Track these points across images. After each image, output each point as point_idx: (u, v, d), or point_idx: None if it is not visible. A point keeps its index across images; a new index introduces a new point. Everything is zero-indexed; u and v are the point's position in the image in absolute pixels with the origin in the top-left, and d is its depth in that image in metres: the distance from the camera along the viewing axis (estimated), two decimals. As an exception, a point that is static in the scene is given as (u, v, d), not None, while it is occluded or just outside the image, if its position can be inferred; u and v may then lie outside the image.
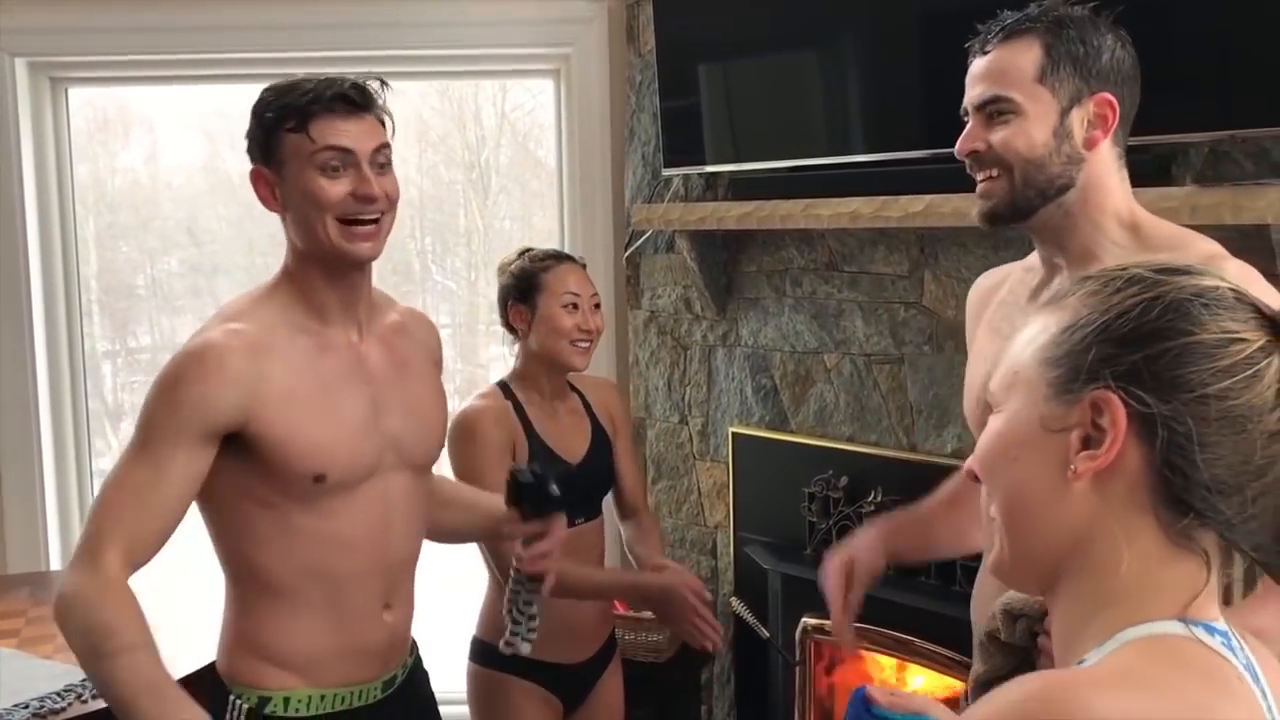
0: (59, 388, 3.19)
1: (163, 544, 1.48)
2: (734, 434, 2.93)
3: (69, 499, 3.21)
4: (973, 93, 1.44)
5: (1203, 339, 0.76)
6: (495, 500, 1.81)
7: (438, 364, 1.78)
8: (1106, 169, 1.42)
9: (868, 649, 2.61)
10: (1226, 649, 0.78)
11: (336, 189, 1.51)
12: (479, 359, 4.47)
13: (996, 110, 1.41)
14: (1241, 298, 0.79)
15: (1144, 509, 0.78)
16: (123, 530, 1.44)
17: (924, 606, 2.42)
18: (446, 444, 2.04)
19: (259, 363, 1.50)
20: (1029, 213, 1.42)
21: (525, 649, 1.76)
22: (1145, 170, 1.97)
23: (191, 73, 3.26)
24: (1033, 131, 1.39)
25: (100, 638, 1.40)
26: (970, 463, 0.89)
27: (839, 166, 2.54)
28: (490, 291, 4.46)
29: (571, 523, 2.09)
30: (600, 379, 2.44)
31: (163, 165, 4.01)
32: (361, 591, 1.61)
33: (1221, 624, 0.80)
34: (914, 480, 2.51)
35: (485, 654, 2.11)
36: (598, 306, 2.20)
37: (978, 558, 1.60)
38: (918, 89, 2.45)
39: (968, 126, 1.45)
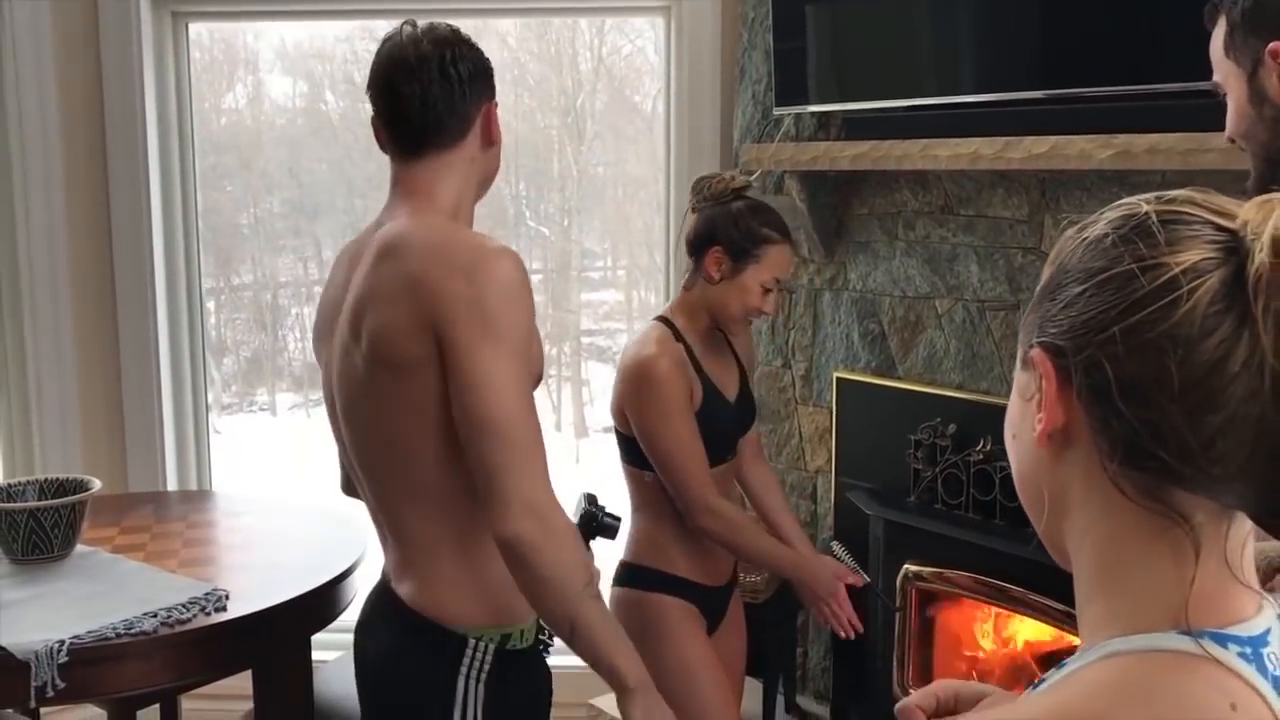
0: (177, 321, 3.28)
1: None
2: (839, 379, 2.90)
3: (185, 425, 3.30)
4: None
5: (1115, 273, 0.69)
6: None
7: None
8: None
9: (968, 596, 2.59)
10: (1246, 662, 0.67)
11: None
12: (570, 304, 4.49)
13: (1222, 95, 1.40)
14: (1179, 216, 0.70)
15: (1101, 470, 0.71)
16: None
17: (1030, 556, 2.38)
18: (620, 392, 2.08)
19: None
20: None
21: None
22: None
23: (303, 8, 3.29)
24: (1238, 107, 1.36)
25: (586, 576, 1.44)
26: None
27: (956, 107, 2.48)
28: (584, 238, 4.45)
29: (725, 459, 2.16)
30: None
31: (265, 107, 4.07)
32: None
33: (1247, 626, 0.69)
34: (1025, 429, 2.47)
35: (635, 577, 2.14)
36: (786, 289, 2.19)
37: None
38: (1037, 28, 2.39)
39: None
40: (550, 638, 1.66)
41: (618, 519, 1.82)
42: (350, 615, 1.87)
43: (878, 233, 2.79)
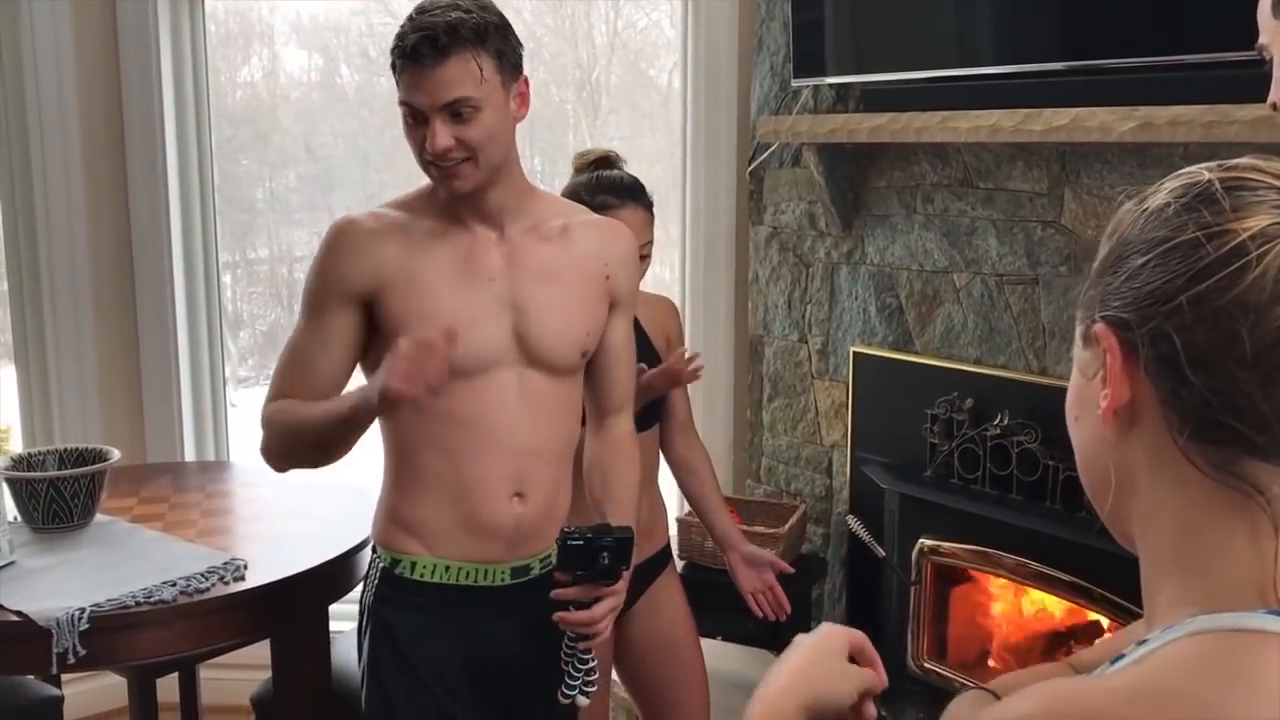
0: (194, 295, 3.28)
1: (338, 392, 1.67)
2: (855, 353, 2.89)
3: (202, 398, 3.32)
4: None
5: (1178, 242, 0.68)
6: (621, 514, 1.80)
7: (607, 275, 1.77)
8: None
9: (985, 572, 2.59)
10: None
11: (415, 137, 1.62)
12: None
13: (1264, 60, 1.32)
14: (1243, 182, 0.68)
15: (1172, 445, 0.69)
16: (302, 386, 1.66)
17: (1045, 530, 2.38)
18: None
19: (387, 241, 1.66)
20: None
21: (584, 701, 1.73)
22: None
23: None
24: None
25: (288, 419, 1.66)
26: None
27: (975, 79, 2.46)
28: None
29: None
30: (657, 297, 2.36)
31: (280, 81, 4.05)
32: (485, 470, 1.68)
33: None
34: (1042, 404, 2.47)
35: None
36: (645, 257, 2.09)
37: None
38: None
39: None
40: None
41: (607, 562, 1.66)
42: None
43: (896, 206, 2.77)
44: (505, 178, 1.67)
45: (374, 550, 1.77)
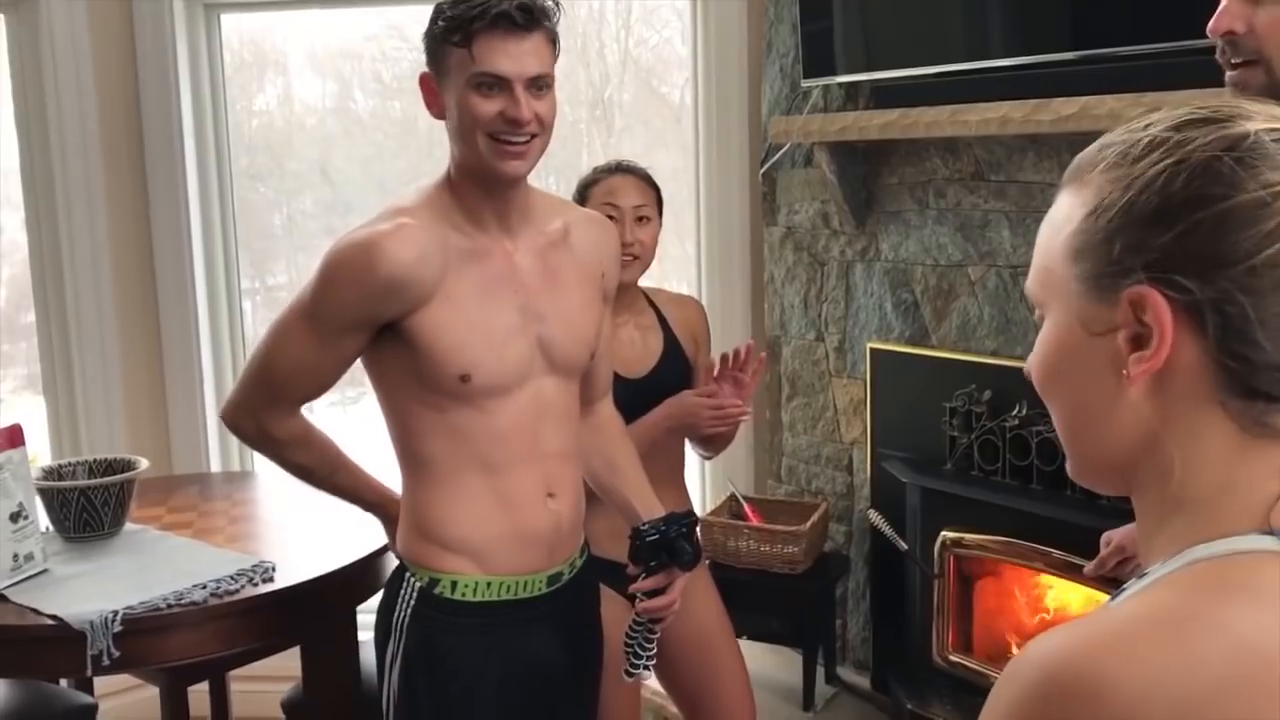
0: (217, 315, 3.33)
1: (317, 398, 1.72)
2: (873, 350, 2.90)
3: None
4: None
5: (1240, 201, 0.65)
6: (644, 494, 1.84)
7: (603, 274, 1.79)
8: None
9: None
10: None
11: (489, 106, 1.56)
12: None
13: None
14: None
15: (1210, 401, 0.69)
16: (299, 387, 1.67)
17: (1068, 519, 2.38)
18: None
19: (416, 259, 1.57)
20: None
21: (647, 675, 1.82)
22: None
23: (335, -2, 3.34)
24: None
25: (314, 468, 1.77)
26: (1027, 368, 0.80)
27: (984, 71, 2.48)
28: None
29: None
30: (685, 297, 2.41)
31: (296, 107, 4.10)
32: (523, 478, 1.67)
33: None
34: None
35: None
36: (643, 219, 2.14)
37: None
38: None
39: (1224, 2, 1.30)
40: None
41: (689, 551, 1.74)
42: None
43: (908, 202, 2.79)
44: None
45: (405, 570, 1.70)
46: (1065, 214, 0.74)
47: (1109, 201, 0.70)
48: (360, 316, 1.59)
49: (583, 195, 2.18)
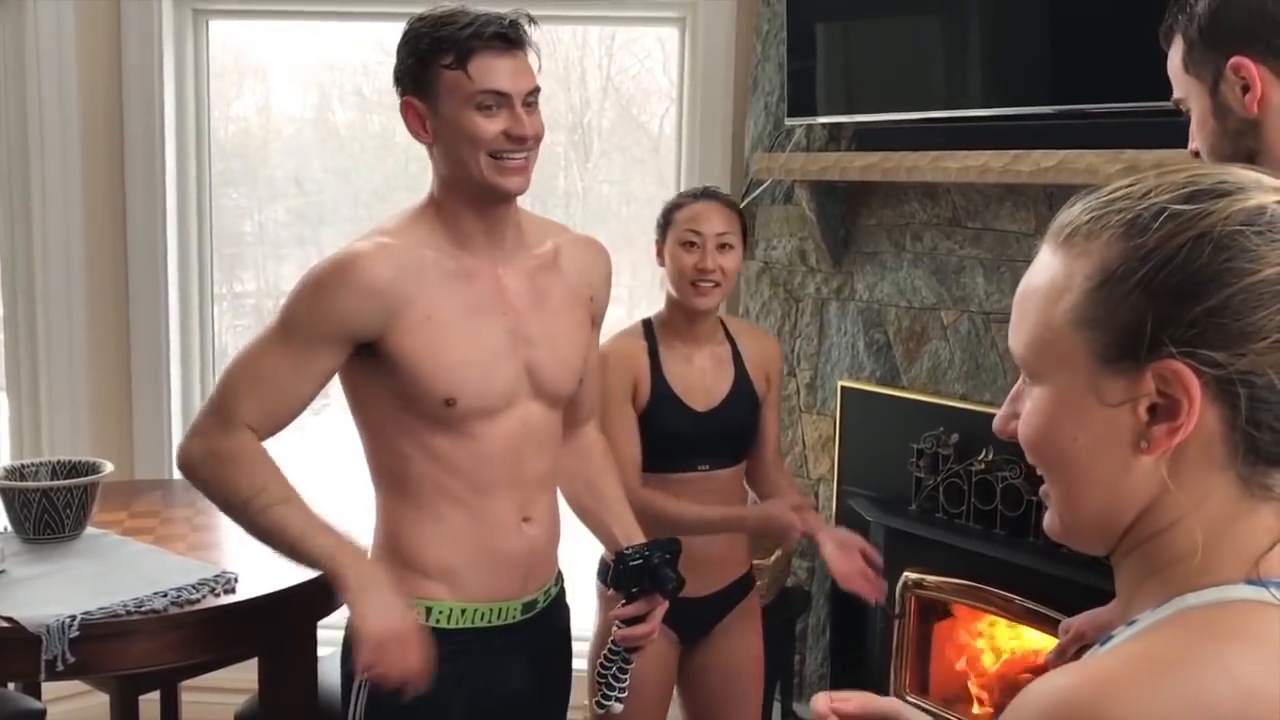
0: (188, 324, 3.31)
1: (285, 427, 1.61)
2: (843, 388, 2.93)
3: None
4: None
5: (1266, 275, 0.67)
6: (622, 519, 1.83)
7: (591, 297, 1.78)
8: None
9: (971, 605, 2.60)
10: None
11: (492, 127, 1.56)
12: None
13: (1183, 111, 1.41)
14: None
15: (1222, 466, 0.70)
16: (258, 407, 1.57)
17: (1030, 565, 2.41)
18: None
19: (401, 280, 1.56)
20: None
21: (617, 709, 1.79)
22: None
23: (325, 8, 3.34)
24: (1202, 122, 1.37)
25: (255, 493, 1.56)
26: (1005, 426, 0.80)
27: (965, 120, 2.53)
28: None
29: (694, 468, 2.16)
30: (763, 332, 2.47)
31: (273, 115, 4.10)
32: (501, 503, 1.66)
33: None
34: (1027, 440, 2.50)
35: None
36: (726, 247, 2.13)
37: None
38: (1046, 44, 2.43)
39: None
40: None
41: (672, 577, 1.73)
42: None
43: (885, 244, 2.83)
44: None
45: None
46: (1062, 281, 0.73)
47: (1123, 273, 0.70)
48: (333, 330, 1.56)
49: (667, 219, 2.18)
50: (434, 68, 1.56)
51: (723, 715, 2.26)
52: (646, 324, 2.20)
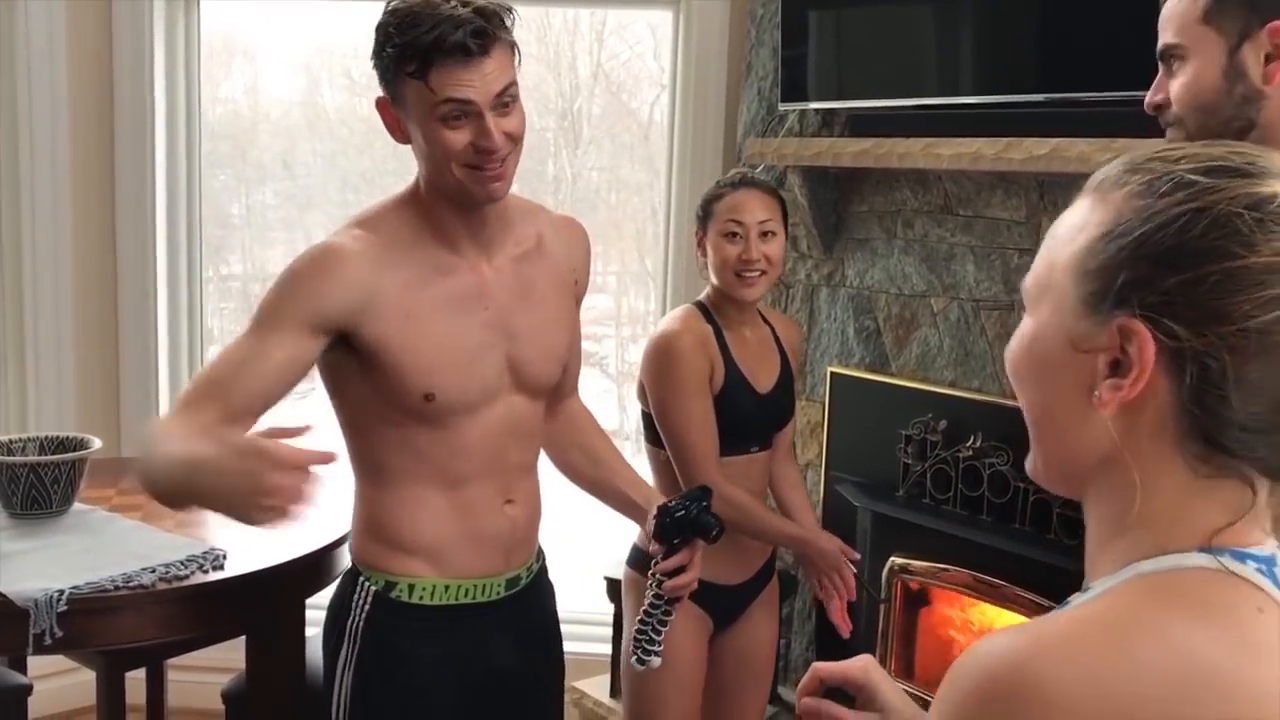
0: (176, 302, 3.31)
1: (255, 419, 1.51)
2: (832, 373, 2.94)
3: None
4: (1159, 42, 1.41)
5: (1250, 264, 0.67)
6: (637, 483, 1.84)
7: (575, 280, 1.76)
8: None
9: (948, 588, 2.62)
10: (1263, 575, 0.70)
11: (459, 138, 1.49)
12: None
13: (1171, 58, 1.38)
14: None
15: (1171, 443, 0.71)
16: (221, 395, 1.48)
17: (1016, 551, 2.42)
18: (642, 367, 2.12)
19: (378, 273, 1.53)
20: None
21: (656, 663, 1.80)
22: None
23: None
24: (1201, 76, 1.34)
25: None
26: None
27: (958, 107, 2.53)
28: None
29: (748, 450, 2.18)
30: (787, 318, 2.47)
31: (262, 98, 4.08)
32: (482, 488, 1.66)
33: (1265, 548, 0.72)
34: (1014, 426, 2.51)
35: (644, 561, 2.12)
36: (768, 235, 2.10)
37: (1076, 506, 1.60)
38: (1038, 32, 2.45)
39: (1157, 78, 1.42)
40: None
41: (715, 522, 1.73)
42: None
43: (877, 230, 2.83)
44: None
45: (358, 573, 1.67)
46: (1080, 225, 0.75)
47: (1124, 229, 0.71)
48: (307, 318, 1.51)
49: (706, 210, 2.15)
50: (399, 74, 1.49)
51: (738, 694, 2.29)
52: (702, 307, 2.17)
